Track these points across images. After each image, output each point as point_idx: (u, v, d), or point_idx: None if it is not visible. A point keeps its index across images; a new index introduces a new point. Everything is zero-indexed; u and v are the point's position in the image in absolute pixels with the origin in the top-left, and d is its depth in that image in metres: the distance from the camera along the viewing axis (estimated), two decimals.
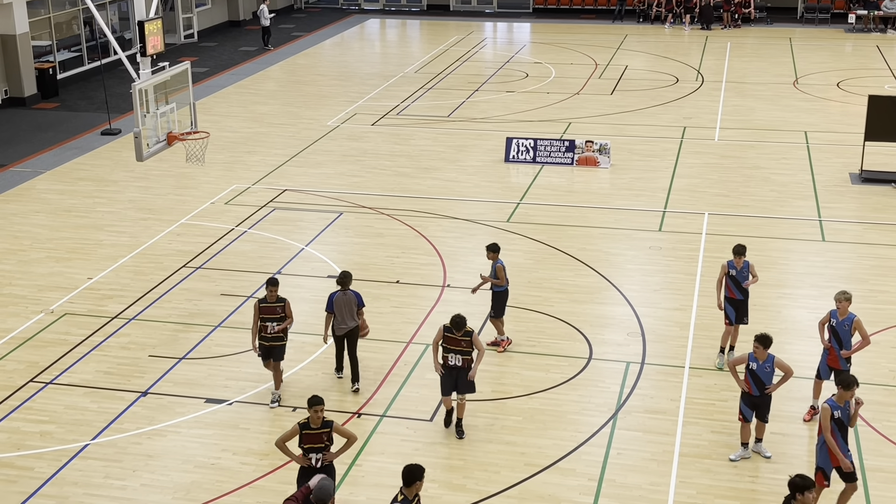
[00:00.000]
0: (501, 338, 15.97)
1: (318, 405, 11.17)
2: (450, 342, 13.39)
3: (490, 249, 15.74)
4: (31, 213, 22.25)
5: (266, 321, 14.21)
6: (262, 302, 14.27)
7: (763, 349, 12.77)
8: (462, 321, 13.33)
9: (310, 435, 11.23)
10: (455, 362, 13.40)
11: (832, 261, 19.17)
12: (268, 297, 14.25)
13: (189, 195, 23.11)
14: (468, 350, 13.37)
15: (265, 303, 14.26)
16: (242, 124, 29.06)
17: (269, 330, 14.22)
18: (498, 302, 15.84)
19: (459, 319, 13.34)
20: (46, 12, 33.40)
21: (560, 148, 25.03)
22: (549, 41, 40.84)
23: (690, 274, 18.62)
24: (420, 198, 22.74)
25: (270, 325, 14.22)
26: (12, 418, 14.28)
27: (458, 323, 13.31)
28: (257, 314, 14.23)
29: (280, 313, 14.26)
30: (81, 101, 32.26)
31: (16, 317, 17.32)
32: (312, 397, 11.25)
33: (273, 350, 14.34)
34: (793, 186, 23.23)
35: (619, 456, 13.28)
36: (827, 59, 36.79)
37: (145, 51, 18.33)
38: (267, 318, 14.22)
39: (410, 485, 9.86)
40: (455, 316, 13.38)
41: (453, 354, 13.39)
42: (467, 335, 13.33)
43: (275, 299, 14.25)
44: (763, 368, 12.80)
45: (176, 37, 40.87)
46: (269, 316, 14.22)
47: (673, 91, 32.14)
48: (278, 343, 14.35)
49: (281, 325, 14.26)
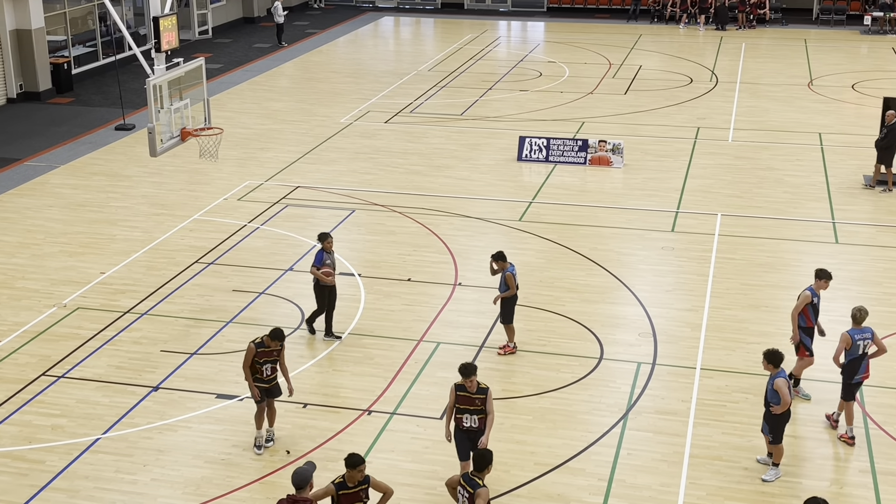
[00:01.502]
0: (510, 343, 15.90)
1: (360, 465, 10.36)
2: (464, 402, 12.08)
3: (497, 259, 15.35)
4: (45, 207, 22.34)
5: (263, 364, 13.23)
6: (260, 346, 13.21)
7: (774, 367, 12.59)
8: (471, 368, 12.06)
9: (347, 495, 10.42)
10: (471, 424, 12.12)
11: (845, 263, 19.10)
12: (265, 341, 13.23)
13: (202, 191, 23.16)
14: (483, 409, 12.09)
15: (263, 346, 13.22)
16: (256, 121, 29.11)
17: (266, 373, 13.27)
18: (505, 307, 15.68)
19: (468, 366, 12.07)
20: (62, 7, 33.51)
21: (573, 147, 25.00)
22: (564, 40, 40.79)
23: (703, 275, 18.58)
24: (432, 196, 22.74)
25: (266, 368, 13.27)
26: (24, 412, 14.34)
27: (467, 369, 12.04)
28: (251, 357, 13.17)
29: (276, 354, 13.29)
30: (96, 96, 32.36)
31: (29, 310, 17.39)
32: (352, 456, 10.39)
33: (273, 389, 13.45)
34: (806, 188, 23.15)
35: (630, 456, 13.26)
36: (842, 60, 36.65)
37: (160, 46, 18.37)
38: (264, 360, 13.23)
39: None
40: (462, 365, 12.13)
41: (468, 415, 12.10)
42: (482, 393, 12.06)
43: (273, 347, 13.26)
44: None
45: (190, 33, 40.95)
46: (266, 358, 13.24)
47: (687, 91, 32.07)
48: (275, 382, 13.45)
49: (275, 366, 13.36)
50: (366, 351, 15.95)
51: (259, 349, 13.18)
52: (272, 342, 13.18)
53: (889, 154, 22.70)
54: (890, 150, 22.65)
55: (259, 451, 13.37)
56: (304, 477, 10.22)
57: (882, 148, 22.63)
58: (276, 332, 13.17)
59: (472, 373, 12.02)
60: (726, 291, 17.89)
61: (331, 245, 16.08)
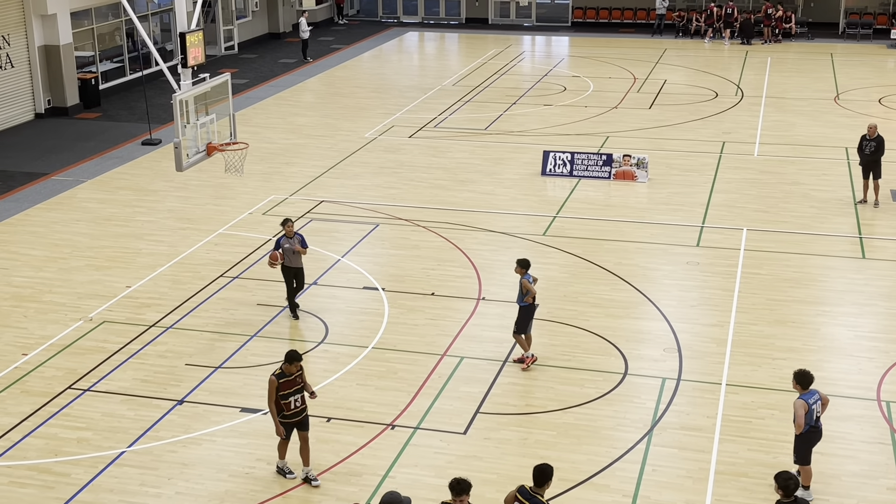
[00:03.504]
0: (527, 354, 15.85)
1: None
2: None
3: (518, 264, 15.56)
4: (72, 221, 22.52)
5: (289, 396, 12.56)
6: (281, 376, 12.52)
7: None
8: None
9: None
10: None
11: (872, 278, 18.93)
12: (284, 369, 12.55)
13: (227, 205, 23.28)
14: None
15: (285, 377, 12.54)
16: (281, 135, 29.25)
17: (293, 406, 12.63)
18: (521, 317, 15.65)
19: (460, 482, 10.09)
20: (90, 23, 33.84)
21: (597, 162, 24.96)
22: (588, 55, 40.78)
23: (728, 290, 18.46)
24: (456, 210, 22.75)
25: (294, 401, 12.62)
26: (50, 424, 14.42)
27: (460, 485, 10.05)
28: (275, 392, 12.52)
29: (300, 382, 12.68)
30: (123, 111, 32.63)
31: (55, 324, 17.51)
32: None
33: (304, 421, 12.84)
34: (833, 203, 22.99)
35: (654, 473, 13.18)
36: (869, 74, 36.43)
37: (186, 62, 18.50)
38: (290, 392, 12.57)
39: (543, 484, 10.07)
40: (453, 480, 10.14)
41: None
42: None
43: (294, 371, 12.62)
44: None
45: (217, 48, 41.25)
46: (291, 389, 12.58)
47: (712, 106, 31.96)
48: (304, 413, 12.88)
49: (303, 395, 12.75)
50: (389, 365, 15.95)
51: (281, 381, 12.51)
52: (292, 367, 12.51)
53: (879, 167, 22.60)
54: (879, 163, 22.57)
55: (289, 476, 13.06)
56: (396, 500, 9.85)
57: (874, 161, 22.48)
58: (292, 355, 12.54)
59: (465, 492, 10.08)
60: (752, 307, 17.78)
61: (290, 229, 17.12)
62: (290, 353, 12.61)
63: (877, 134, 22.52)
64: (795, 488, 10.40)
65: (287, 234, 17.07)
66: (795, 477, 10.53)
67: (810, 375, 12.35)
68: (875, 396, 14.88)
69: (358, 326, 17.29)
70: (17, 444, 13.95)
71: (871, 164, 22.54)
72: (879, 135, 22.58)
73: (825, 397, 12.51)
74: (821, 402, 12.40)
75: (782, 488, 10.39)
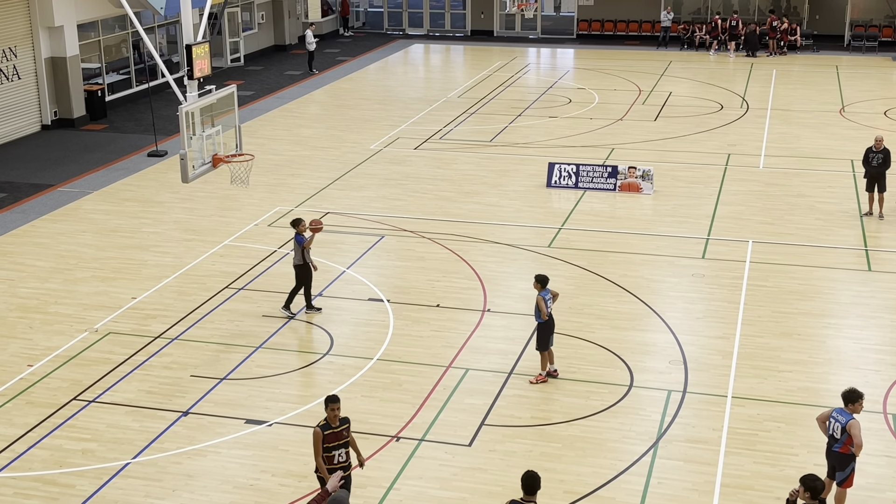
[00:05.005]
0: (542, 371, 15.81)
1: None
2: None
3: (536, 280, 15.62)
4: (78, 232, 22.56)
5: (333, 451, 11.58)
6: (326, 428, 11.53)
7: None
8: (537, 479, 10.26)
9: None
10: None
11: (878, 291, 18.90)
12: (329, 419, 11.57)
13: (233, 217, 23.31)
14: None
15: (330, 429, 11.55)
16: (286, 147, 29.31)
17: (336, 460, 11.61)
18: (540, 334, 15.70)
19: (533, 475, 10.27)
20: (96, 35, 33.96)
21: (602, 174, 24.97)
22: (593, 67, 40.84)
23: (734, 302, 18.44)
24: (461, 222, 22.76)
25: (338, 454, 11.63)
26: (55, 436, 14.42)
27: (533, 480, 10.24)
28: (320, 443, 11.53)
29: (346, 436, 11.67)
30: (129, 122, 32.72)
31: (61, 335, 17.53)
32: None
33: (346, 479, 11.76)
34: (838, 215, 22.97)
35: (660, 485, 13.14)
36: (874, 87, 36.43)
37: (192, 74, 18.53)
38: (334, 446, 11.58)
39: None
40: (525, 476, 10.28)
41: None
42: None
43: (339, 421, 11.63)
44: None
45: (223, 60, 41.36)
46: (336, 443, 11.59)
47: (717, 118, 31.97)
48: (349, 471, 11.94)
49: (348, 451, 11.79)
50: (394, 377, 15.94)
51: (326, 432, 11.52)
52: (333, 412, 11.52)
53: (885, 179, 22.58)
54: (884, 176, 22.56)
55: None
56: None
57: (880, 174, 22.47)
58: (329, 398, 11.63)
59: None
60: (758, 319, 17.75)
61: (304, 228, 17.76)
62: (331, 396, 11.75)
63: (883, 146, 22.52)
64: (822, 489, 10.30)
65: (300, 232, 17.75)
66: (821, 479, 10.41)
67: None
68: (881, 409, 14.84)
69: (363, 338, 17.29)
70: (22, 455, 13.95)
71: (877, 177, 22.53)
72: (886, 147, 22.58)
73: None
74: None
75: (809, 490, 10.24)
